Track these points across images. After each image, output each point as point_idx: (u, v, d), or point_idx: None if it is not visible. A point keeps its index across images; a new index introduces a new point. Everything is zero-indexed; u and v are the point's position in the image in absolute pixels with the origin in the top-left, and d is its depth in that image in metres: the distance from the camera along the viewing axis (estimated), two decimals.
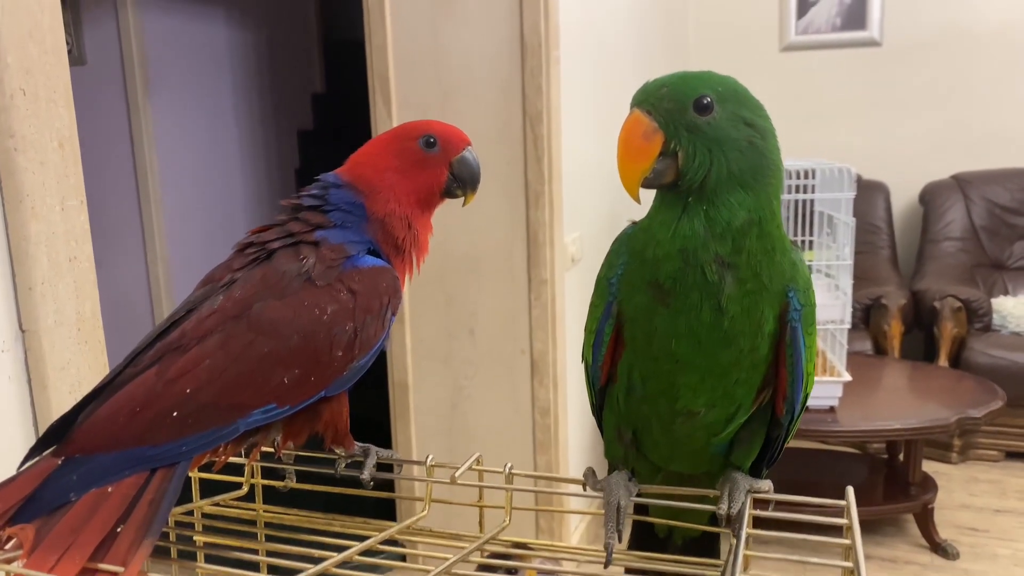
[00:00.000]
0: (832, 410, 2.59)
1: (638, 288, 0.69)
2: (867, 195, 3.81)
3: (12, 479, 0.64)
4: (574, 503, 2.37)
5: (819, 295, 0.72)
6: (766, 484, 0.72)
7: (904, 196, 4.03)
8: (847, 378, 2.58)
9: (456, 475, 0.75)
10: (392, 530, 0.74)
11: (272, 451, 0.79)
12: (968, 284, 3.60)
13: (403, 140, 0.80)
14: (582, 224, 2.58)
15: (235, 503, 0.83)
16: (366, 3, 2.24)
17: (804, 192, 2.74)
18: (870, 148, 4.01)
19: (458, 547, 0.73)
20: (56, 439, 0.67)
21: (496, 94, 2.24)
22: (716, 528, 0.75)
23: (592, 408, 0.81)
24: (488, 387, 2.39)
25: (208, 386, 0.67)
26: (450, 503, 0.79)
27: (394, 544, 0.76)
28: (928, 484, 2.77)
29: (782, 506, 0.70)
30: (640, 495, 0.74)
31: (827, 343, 2.70)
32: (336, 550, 0.71)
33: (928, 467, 2.95)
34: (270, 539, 0.81)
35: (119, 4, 3.29)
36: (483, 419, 2.41)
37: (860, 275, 3.27)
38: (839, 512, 0.69)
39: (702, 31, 4.21)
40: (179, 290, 3.51)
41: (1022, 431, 3.29)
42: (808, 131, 3.94)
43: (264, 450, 0.79)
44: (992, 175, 3.85)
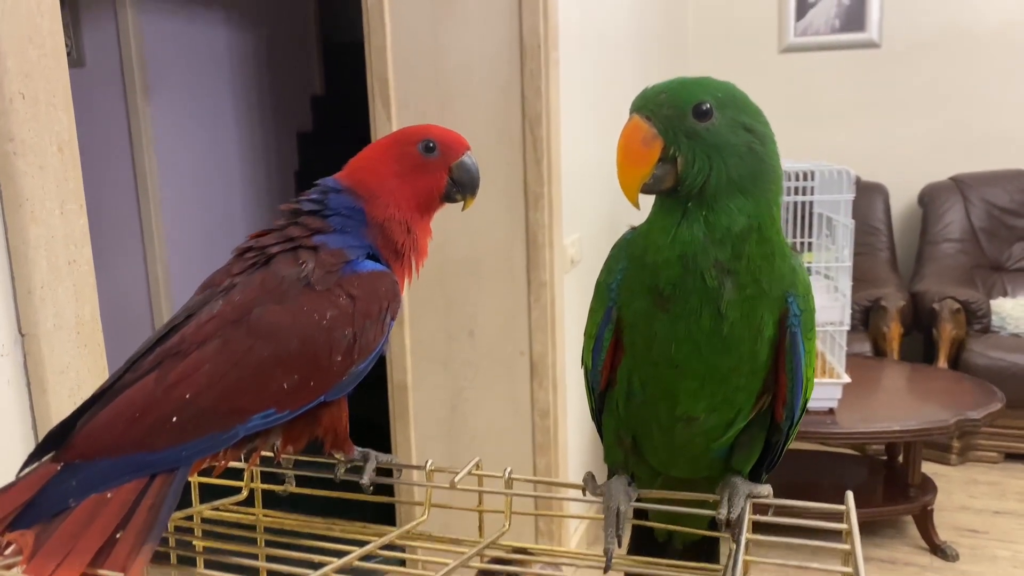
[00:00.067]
0: (831, 412, 2.59)
1: (638, 293, 0.69)
2: (866, 197, 3.81)
3: (11, 485, 0.64)
4: (574, 507, 2.37)
5: (818, 297, 0.72)
6: (766, 489, 0.72)
7: (903, 198, 4.04)
8: (846, 380, 2.58)
9: (456, 480, 0.75)
10: (392, 535, 0.74)
11: (272, 456, 0.79)
12: (967, 286, 3.60)
13: (402, 145, 0.80)
14: (581, 226, 2.58)
15: (235, 508, 0.83)
16: (365, 5, 2.24)
17: (803, 194, 2.74)
18: (869, 149, 4.01)
19: (458, 552, 0.73)
20: (55, 444, 0.67)
21: (495, 96, 2.24)
22: (716, 533, 0.75)
23: (592, 413, 0.81)
24: (488, 389, 2.39)
25: (207, 391, 0.67)
26: (450, 508, 0.79)
27: (394, 549, 0.76)
28: (927, 486, 2.77)
29: (782, 511, 0.70)
30: (640, 500, 0.74)
31: (826, 345, 2.70)
32: (336, 555, 0.71)
33: (927, 469, 2.95)
34: (270, 544, 0.81)
35: (118, 6, 3.29)
36: (483, 421, 2.41)
37: (859, 277, 3.27)
38: (839, 517, 0.69)
39: (701, 32, 4.22)
40: (178, 292, 3.51)
41: (1021, 432, 3.29)
42: (807, 132, 3.94)
43: (264, 455, 0.79)
44: (991, 176, 3.85)
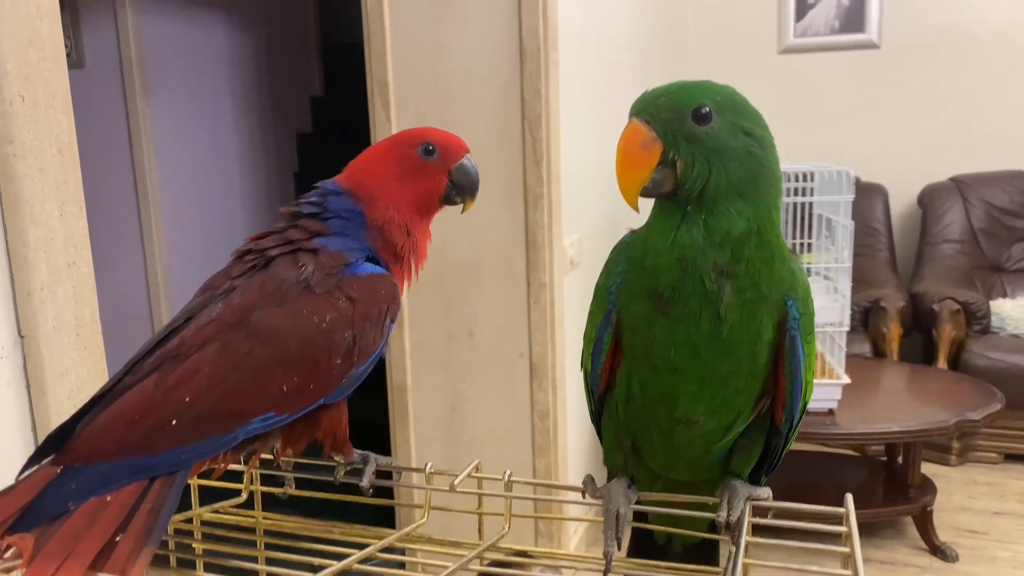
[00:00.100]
0: (831, 412, 2.59)
1: (637, 297, 0.69)
2: (866, 197, 3.82)
3: (11, 488, 0.64)
4: (573, 510, 2.36)
5: (818, 298, 0.72)
6: (765, 491, 0.72)
7: (903, 198, 4.04)
8: (846, 380, 2.58)
9: (455, 483, 0.75)
10: (391, 538, 0.74)
11: (271, 458, 0.79)
12: (967, 286, 3.60)
13: (402, 147, 0.80)
14: (581, 227, 2.58)
15: (234, 510, 0.83)
16: (365, 6, 2.24)
17: (802, 195, 2.74)
18: (868, 150, 4.01)
19: (457, 555, 0.73)
20: (55, 448, 0.67)
21: (495, 97, 2.24)
22: (715, 535, 0.75)
23: (591, 416, 0.81)
24: (487, 390, 2.39)
25: (207, 394, 0.67)
26: (449, 510, 0.79)
27: (393, 552, 0.76)
28: (927, 486, 2.77)
29: (781, 513, 0.71)
30: (639, 503, 0.74)
31: (826, 346, 2.70)
32: (335, 558, 0.71)
33: (927, 469, 2.95)
34: (269, 547, 0.81)
35: (118, 7, 3.29)
36: (482, 422, 2.41)
37: (859, 277, 3.27)
38: (838, 519, 0.69)
39: (701, 33, 4.22)
40: (178, 294, 3.51)
41: (1021, 433, 3.29)
42: (806, 133, 3.94)
43: (263, 457, 0.79)
44: (990, 177, 3.85)
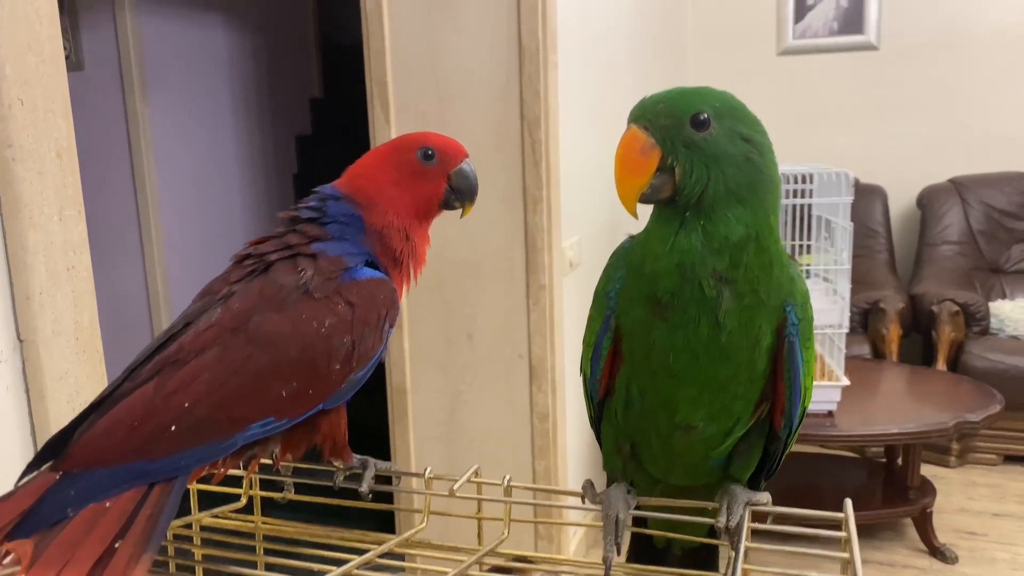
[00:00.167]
0: (831, 414, 2.59)
1: (636, 302, 0.69)
2: (865, 199, 3.82)
3: (10, 494, 0.64)
4: (573, 515, 2.37)
5: (817, 299, 0.72)
6: (764, 496, 0.72)
7: (901, 200, 4.04)
8: (845, 382, 2.58)
9: (454, 488, 0.75)
10: (390, 543, 0.74)
11: (271, 463, 0.79)
12: (966, 288, 3.60)
13: (401, 152, 0.80)
14: (580, 229, 2.58)
15: (234, 515, 0.83)
16: (364, 8, 2.24)
17: (802, 197, 2.74)
18: (867, 152, 4.01)
19: (457, 560, 0.73)
20: (54, 454, 0.67)
21: (494, 99, 2.23)
22: (715, 540, 0.75)
23: (590, 421, 0.80)
24: (487, 392, 2.39)
25: (206, 400, 0.67)
26: (449, 515, 0.79)
27: (393, 557, 0.76)
28: (926, 488, 2.77)
29: (781, 518, 0.70)
30: (639, 507, 0.74)
31: (825, 347, 2.70)
32: (335, 563, 0.71)
33: (926, 471, 2.95)
34: (269, 552, 0.81)
35: (117, 9, 3.29)
36: (482, 424, 2.41)
37: (858, 279, 3.27)
38: (837, 524, 0.69)
39: (700, 34, 4.22)
40: (177, 297, 3.50)
41: (1020, 435, 3.29)
42: (805, 135, 3.94)
43: (262, 462, 0.79)
44: (989, 179, 3.85)
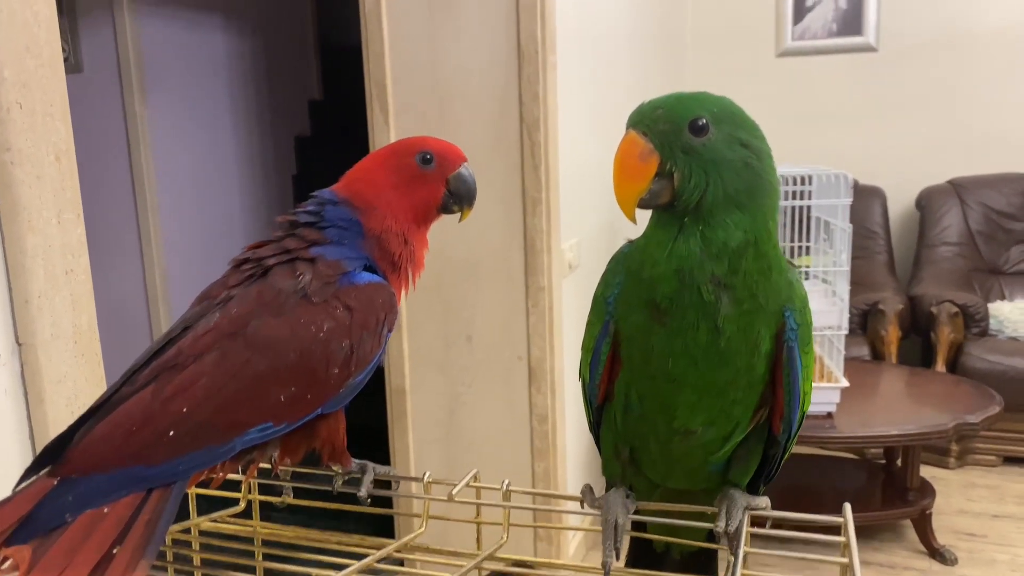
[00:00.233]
0: (830, 416, 2.59)
1: (635, 307, 0.69)
2: (864, 200, 3.82)
3: (8, 500, 0.64)
4: (572, 519, 2.36)
5: (816, 301, 0.72)
6: (763, 501, 0.72)
7: (900, 201, 4.04)
8: (845, 384, 2.58)
9: (453, 492, 0.75)
10: (389, 548, 0.74)
11: (269, 467, 0.79)
12: (965, 289, 3.60)
13: (399, 156, 0.80)
14: (579, 231, 2.58)
15: (232, 520, 0.83)
16: (363, 10, 2.24)
17: (801, 198, 2.74)
18: (866, 153, 4.01)
19: (456, 565, 0.73)
20: (52, 459, 0.67)
21: (493, 101, 2.24)
22: (714, 545, 0.75)
23: (589, 426, 0.80)
24: (486, 394, 2.39)
25: (204, 405, 0.67)
26: (448, 519, 0.79)
27: (392, 561, 0.76)
28: (926, 490, 2.77)
29: (780, 522, 0.70)
30: (638, 512, 0.74)
31: (825, 349, 2.70)
32: (333, 567, 0.71)
33: (926, 472, 2.95)
34: (267, 557, 0.81)
35: (116, 11, 3.29)
36: (481, 426, 2.41)
37: (857, 280, 3.27)
38: (836, 528, 0.69)
39: (699, 36, 4.22)
40: (176, 298, 3.50)
41: (1020, 436, 3.29)
42: (804, 136, 3.94)
43: (261, 466, 0.79)
44: (988, 180, 3.85)
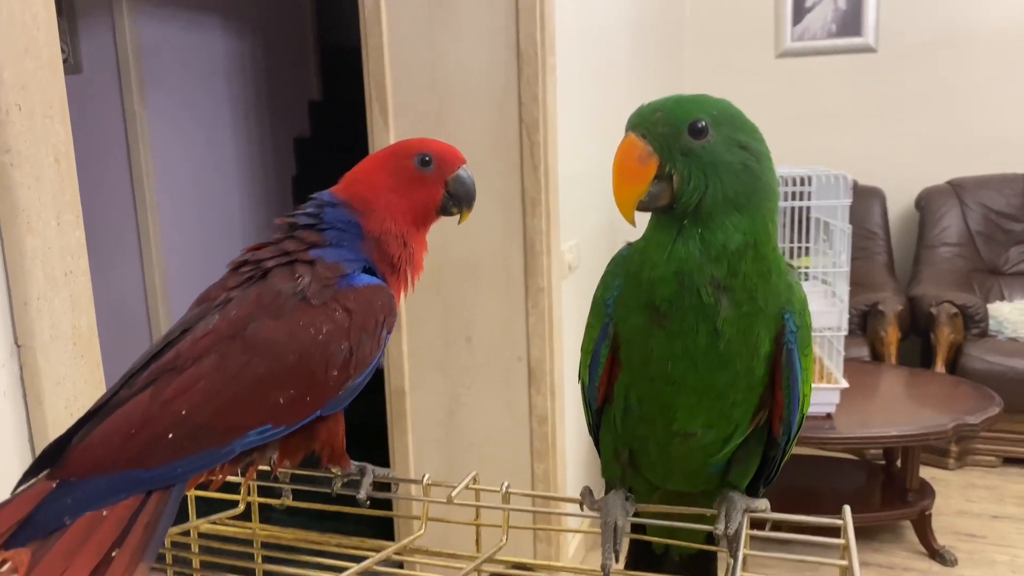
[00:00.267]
0: (829, 417, 2.59)
1: (634, 310, 0.69)
2: (863, 201, 3.82)
3: (7, 502, 0.64)
4: (572, 522, 2.36)
5: (816, 302, 0.72)
6: (763, 503, 0.72)
7: (900, 202, 4.04)
8: (844, 385, 2.58)
9: (452, 495, 0.75)
10: (389, 550, 0.74)
11: (269, 469, 0.79)
12: (964, 290, 3.60)
13: (399, 158, 0.80)
14: (579, 232, 2.58)
15: (231, 522, 0.83)
16: (362, 11, 2.24)
17: (800, 199, 2.74)
18: (866, 154, 4.01)
19: (455, 567, 0.72)
20: (51, 461, 0.67)
21: (492, 102, 2.24)
22: (713, 547, 0.75)
23: (589, 428, 0.80)
24: (485, 395, 2.39)
25: (203, 407, 0.67)
26: (447, 521, 0.79)
27: (391, 564, 0.76)
28: (926, 490, 2.77)
29: (779, 524, 0.70)
30: (637, 514, 0.74)
31: (824, 350, 2.70)
32: (332, 570, 0.71)
33: (925, 473, 2.95)
34: (267, 559, 0.80)
35: (115, 12, 3.29)
36: (480, 427, 2.41)
37: (856, 281, 3.27)
38: (836, 531, 0.68)
39: (698, 37, 4.22)
40: (176, 300, 3.50)
41: (1019, 437, 3.29)
42: (804, 137, 3.94)
43: (261, 468, 0.79)
44: (988, 180, 3.85)
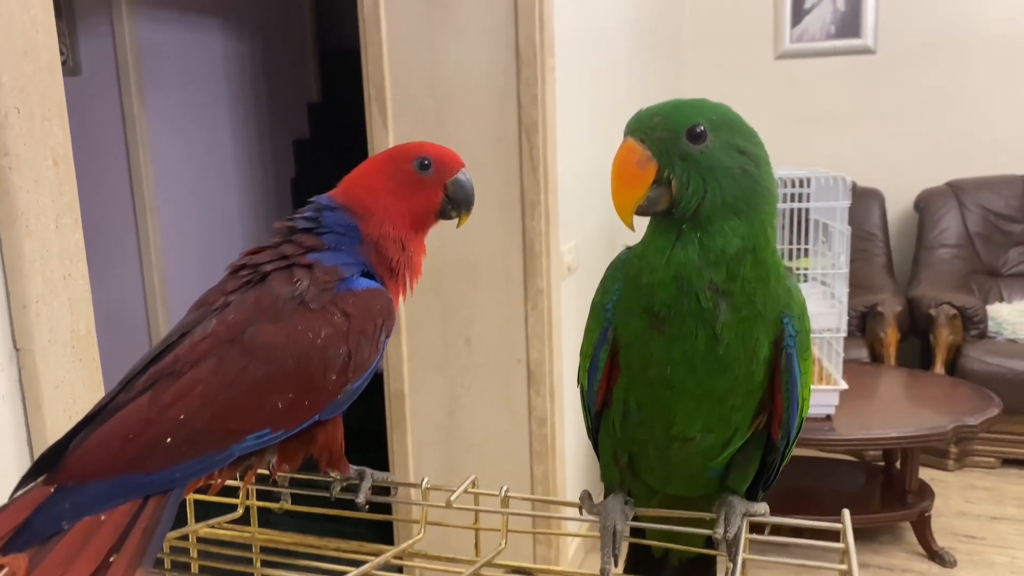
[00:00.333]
0: (829, 418, 2.59)
1: (633, 314, 0.69)
2: (862, 202, 3.82)
3: (4, 507, 0.63)
4: (571, 525, 2.36)
5: (815, 303, 0.72)
6: (762, 507, 0.72)
7: (899, 203, 4.04)
8: (843, 386, 2.58)
9: (451, 499, 0.75)
10: (388, 554, 0.74)
11: (267, 474, 0.78)
12: (963, 291, 3.60)
13: (397, 162, 0.80)
14: (578, 233, 2.58)
15: (230, 526, 0.83)
16: (361, 13, 2.24)
17: (799, 201, 2.75)
18: (865, 155, 4.02)
19: (455, 572, 0.72)
20: (48, 466, 0.66)
21: (492, 104, 2.24)
22: (712, 551, 0.75)
23: (588, 432, 0.80)
24: (485, 396, 2.39)
25: (202, 412, 0.67)
26: (446, 525, 0.79)
27: (390, 568, 0.76)
28: (925, 492, 2.77)
29: (778, 528, 0.70)
30: (636, 518, 0.74)
31: (823, 351, 2.70)
32: (332, 574, 0.71)
33: (925, 475, 2.95)
34: (266, 564, 0.80)
35: (115, 14, 3.29)
36: (480, 428, 2.41)
37: (856, 283, 3.27)
38: (835, 534, 0.68)
39: (697, 39, 4.22)
40: (175, 302, 3.50)
41: (1018, 438, 3.29)
42: (803, 139, 3.94)
43: (259, 472, 0.78)
44: (986, 182, 3.86)
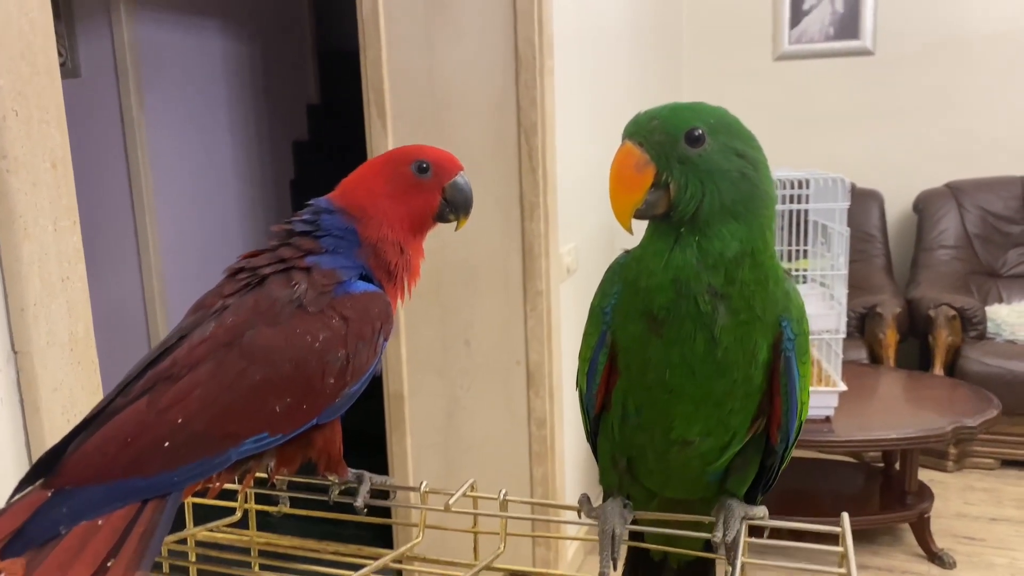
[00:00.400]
0: (828, 420, 2.59)
1: (632, 318, 0.69)
2: (861, 203, 3.82)
3: (2, 511, 0.63)
4: (570, 529, 2.36)
5: (814, 305, 0.72)
6: (761, 510, 0.72)
7: (898, 204, 4.04)
8: (842, 388, 2.58)
9: (450, 503, 0.75)
10: (386, 558, 0.74)
11: (266, 477, 0.78)
12: (963, 292, 3.60)
13: (396, 165, 0.80)
14: (577, 235, 2.58)
15: (228, 530, 0.83)
16: (361, 15, 2.24)
17: (798, 202, 2.75)
18: (864, 157, 4.02)
19: (454, 575, 0.72)
20: (46, 470, 0.66)
21: (491, 106, 2.24)
22: (711, 555, 0.74)
23: (587, 435, 0.80)
24: (484, 398, 2.39)
25: (200, 415, 0.67)
26: (445, 529, 0.79)
27: (389, 572, 0.76)
28: (924, 493, 2.77)
29: (777, 531, 0.70)
30: (635, 522, 0.74)
31: (822, 352, 2.70)
32: None
33: (924, 476, 2.95)
34: (264, 567, 0.80)
35: (113, 16, 3.29)
36: (479, 430, 2.40)
37: (855, 284, 3.27)
38: (834, 538, 0.68)
39: (696, 40, 4.22)
40: (174, 304, 3.50)
41: (1018, 439, 3.29)
42: (802, 140, 3.94)
43: (258, 476, 0.78)
44: (985, 183, 3.86)
